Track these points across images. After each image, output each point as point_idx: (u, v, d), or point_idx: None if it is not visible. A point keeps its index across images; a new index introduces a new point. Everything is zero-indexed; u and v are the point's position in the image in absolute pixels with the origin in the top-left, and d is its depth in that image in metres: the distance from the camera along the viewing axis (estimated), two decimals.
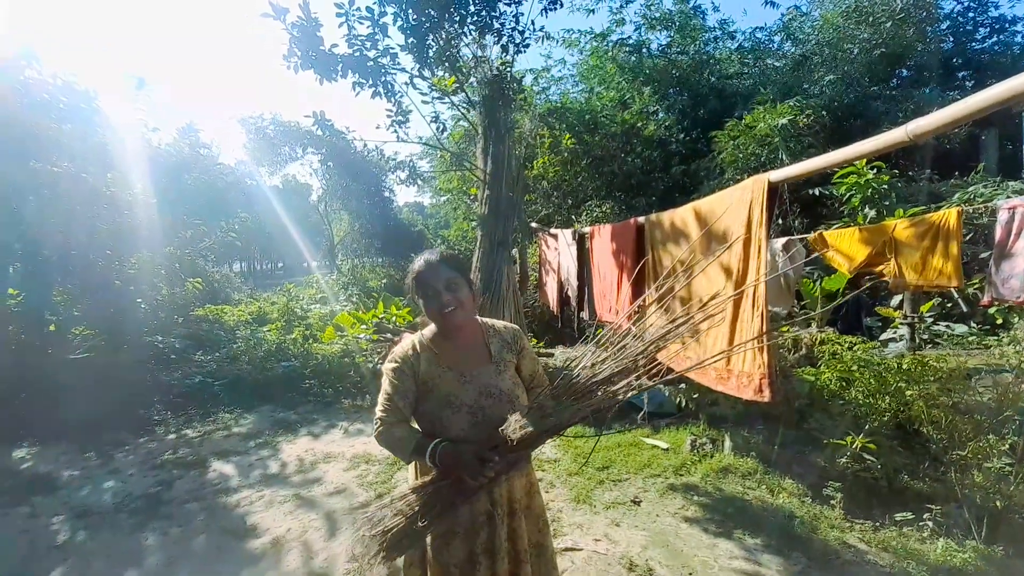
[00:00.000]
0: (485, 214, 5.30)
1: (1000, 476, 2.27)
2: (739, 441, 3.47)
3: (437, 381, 1.35)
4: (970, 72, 14.21)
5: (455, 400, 1.32)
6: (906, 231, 1.87)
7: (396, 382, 1.35)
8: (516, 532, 1.37)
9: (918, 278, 1.83)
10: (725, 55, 16.30)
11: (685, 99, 14.10)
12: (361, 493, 3.27)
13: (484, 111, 5.44)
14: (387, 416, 1.33)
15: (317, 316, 9.65)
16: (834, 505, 2.72)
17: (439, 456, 1.24)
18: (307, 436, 4.39)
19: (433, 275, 1.35)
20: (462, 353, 1.41)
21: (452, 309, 1.33)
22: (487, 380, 1.37)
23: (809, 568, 2.30)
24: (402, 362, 1.37)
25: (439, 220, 22.22)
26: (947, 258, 1.73)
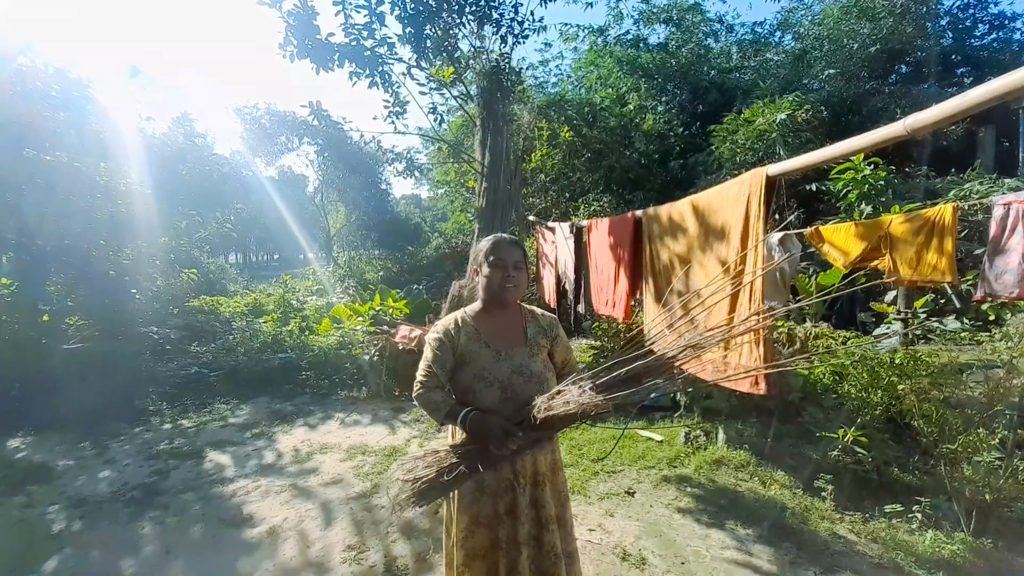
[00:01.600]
0: (483, 207, 5.29)
1: (990, 470, 2.31)
2: (732, 434, 3.50)
3: (474, 355, 1.48)
4: (969, 68, 14.21)
5: (488, 375, 1.45)
6: (901, 226, 1.88)
7: (437, 352, 1.49)
8: (539, 500, 1.49)
9: (912, 273, 1.85)
10: (724, 49, 16.24)
11: (684, 93, 14.05)
12: (357, 483, 3.29)
13: (482, 103, 5.41)
14: (427, 380, 1.47)
15: (314, 308, 9.63)
16: (825, 497, 2.75)
17: (469, 423, 1.37)
18: (303, 427, 4.40)
19: (509, 251, 1.53)
20: (501, 332, 1.54)
21: (512, 286, 1.50)
22: (520, 360, 1.49)
23: (799, 558, 2.33)
24: (444, 334, 1.51)
25: (436, 213, 22.16)
26: (942, 254, 1.74)
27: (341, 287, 13.79)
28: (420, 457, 1.42)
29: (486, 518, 1.48)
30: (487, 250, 1.55)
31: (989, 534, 2.30)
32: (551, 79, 16.04)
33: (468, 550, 1.48)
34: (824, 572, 2.23)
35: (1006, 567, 2.12)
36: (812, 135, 10.12)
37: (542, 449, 1.48)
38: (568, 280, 4.11)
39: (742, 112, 11.05)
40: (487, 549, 1.48)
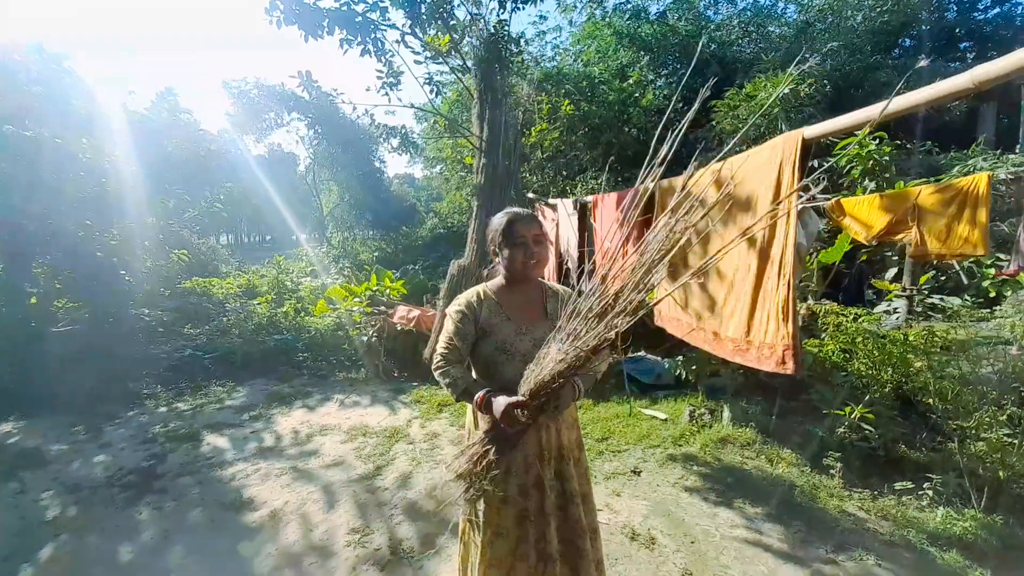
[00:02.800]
0: (481, 183, 5.13)
1: (1001, 447, 2.28)
2: (737, 412, 3.48)
3: (495, 328, 1.47)
4: (972, 43, 13.93)
5: (510, 348, 1.46)
6: (931, 197, 1.79)
7: (460, 325, 1.48)
8: (564, 473, 1.50)
9: (942, 247, 1.76)
10: (725, 21, 15.81)
11: (684, 67, 13.70)
12: (359, 465, 3.24)
13: (479, 74, 5.18)
14: (448, 354, 1.46)
15: (308, 289, 9.48)
16: (833, 475, 2.74)
17: (482, 407, 1.38)
18: (302, 408, 4.33)
19: (528, 226, 1.48)
20: (522, 307, 1.53)
21: (535, 262, 1.47)
22: (541, 335, 1.45)
23: (809, 536, 2.32)
24: (466, 307, 1.50)
25: (431, 192, 21.78)
26: (974, 225, 1.65)
27: (335, 268, 13.62)
28: (460, 454, 1.43)
29: (512, 496, 1.47)
30: (503, 228, 1.49)
31: (1000, 510, 2.29)
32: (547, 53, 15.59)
33: (495, 527, 1.48)
34: (835, 550, 2.21)
35: (1018, 543, 2.11)
36: (815, 110, 9.93)
37: (550, 418, 1.45)
38: (571, 258, 4.01)
39: (744, 87, 10.80)
40: (513, 524, 1.48)
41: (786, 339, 1.57)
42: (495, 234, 1.53)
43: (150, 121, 6.80)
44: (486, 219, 5.66)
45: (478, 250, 5.06)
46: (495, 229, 1.54)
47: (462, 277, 4.97)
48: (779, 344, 1.61)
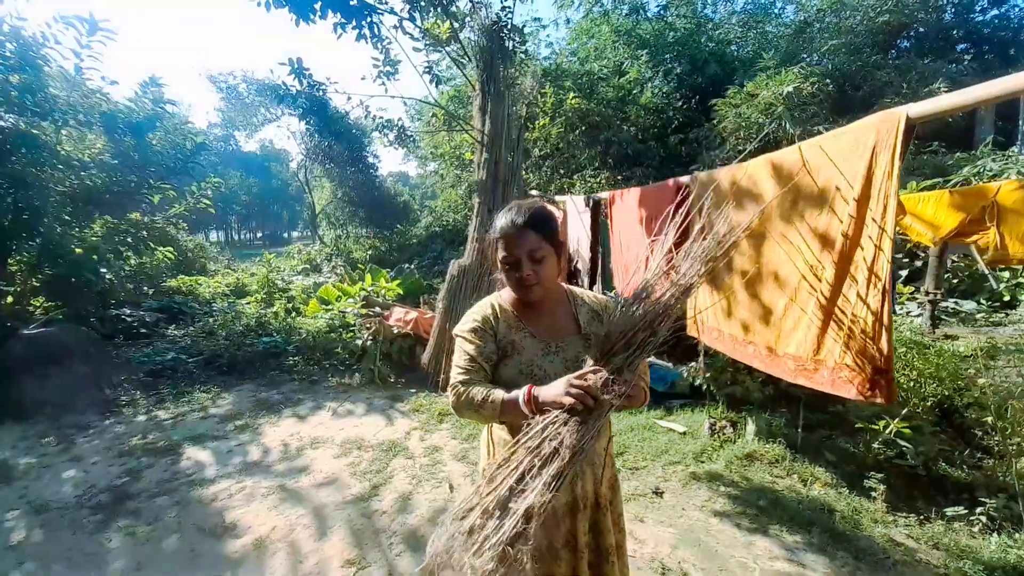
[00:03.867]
0: (483, 179, 4.86)
1: None
2: (762, 425, 3.25)
3: (518, 346, 1.23)
4: (969, 45, 13.90)
5: (538, 371, 1.20)
6: (1014, 194, 1.57)
7: (479, 342, 1.22)
8: (599, 525, 1.25)
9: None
10: (724, 19, 15.69)
11: (683, 65, 13.53)
12: (354, 484, 2.97)
13: (482, 64, 4.92)
14: (470, 379, 1.18)
15: (300, 288, 9.17)
16: (875, 497, 2.52)
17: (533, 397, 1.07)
18: (292, 418, 4.04)
19: (516, 240, 1.18)
20: (547, 321, 1.28)
21: (533, 285, 1.20)
22: (575, 353, 1.22)
23: (858, 570, 2.09)
24: (482, 321, 1.25)
25: (425, 191, 21.47)
26: None
27: (328, 266, 13.29)
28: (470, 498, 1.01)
29: (538, 551, 1.18)
30: (494, 242, 1.24)
31: None
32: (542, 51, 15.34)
33: None
34: None
35: None
36: (818, 109, 9.79)
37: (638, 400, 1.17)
38: (582, 259, 3.76)
39: (744, 85, 10.65)
40: None
41: (878, 361, 1.33)
42: (492, 245, 1.26)
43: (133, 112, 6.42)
44: (488, 217, 5.40)
45: (479, 249, 4.80)
46: (490, 238, 1.27)
47: (463, 278, 4.71)
48: (866, 366, 1.37)
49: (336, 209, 16.11)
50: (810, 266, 1.58)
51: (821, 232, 1.52)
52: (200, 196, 6.49)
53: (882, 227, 1.27)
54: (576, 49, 15.06)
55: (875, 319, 1.32)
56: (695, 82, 13.25)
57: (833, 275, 1.47)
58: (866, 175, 1.33)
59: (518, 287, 1.22)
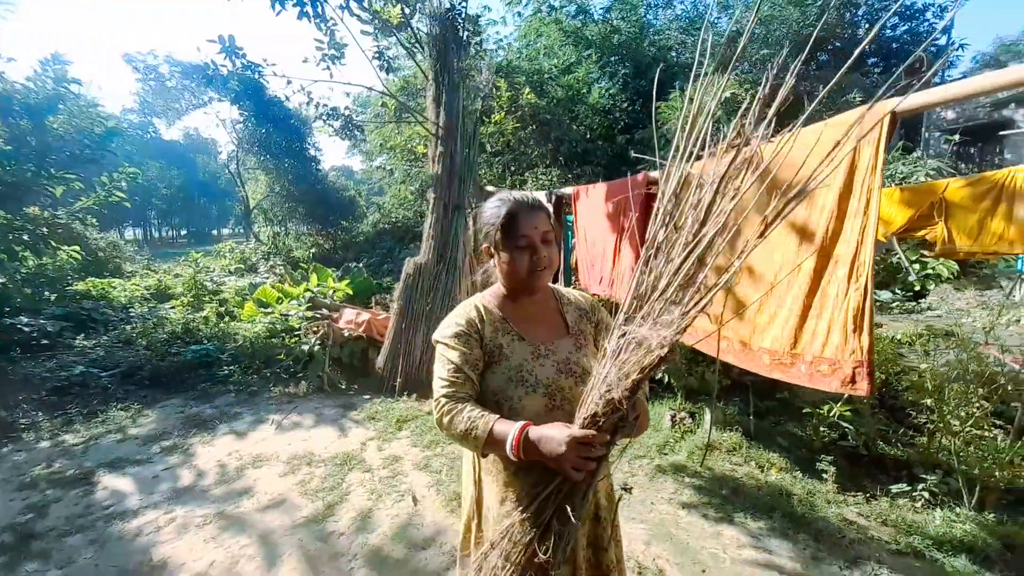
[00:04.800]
0: (439, 174, 4.67)
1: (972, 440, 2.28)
2: (719, 415, 3.36)
3: (506, 351, 1.13)
4: (879, 59, 15.43)
5: (528, 376, 1.10)
6: (960, 191, 1.67)
7: (464, 348, 1.10)
8: (599, 540, 1.17)
9: (972, 244, 1.65)
10: (665, 26, 16.36)
11: (627, 68, 13.96)
12: (305, 504, 2.71)
13: (435, 53, 4.71)
14: (455, 392, 1.07)
15: (234, 290, 8.44)
16: (826, 479, 2.66)
17: (524, 445, 0.95)
18: (229, 435, 3.66)
19: (532, 222, 1.11)
20: (535, 321, 1.19)
21: (544, 268, 1.12)
22: (566, 355, 1.15)
23: (820, 552, 2.18)
24: (466, 325, 1.14)
25: (372, 186, 20.64)
26: (1010, 221, 1.54)
27: (265, 266, 12.39)
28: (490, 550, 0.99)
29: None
30: (503, 223, 1.12)
31: (989, 508, 2.29)
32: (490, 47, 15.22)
33: None
34: (849, 566, 2.09)
35: (1019, 543, 2.10)
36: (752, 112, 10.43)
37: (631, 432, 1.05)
38: None
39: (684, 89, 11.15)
40: None
41: (858, 354, 1.35)
42: (491, 230, 1.16)
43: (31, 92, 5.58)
44: (444, 213, 5.17)
45: (435, 246, 4.61)
46: (490, 223, 1.16)
47: (419, 276, 4.50)
48: (847, 360, 1.39)
49: (273, 204, 15.06)
50: (788, 261, 1.60)
51: (800, 226, 1.54)
52: (113, 188, 5.76)
53: (865, 220, 1.29)
54: (526, 46, 15.08)
55: (857, 312, 1.35)
56: (639, 85, 13.71)
57: (813, 269, 1.49)
58: (849, 169, 1.35)
59: (530, 273, 1.11)
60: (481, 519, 1.22)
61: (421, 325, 4.42)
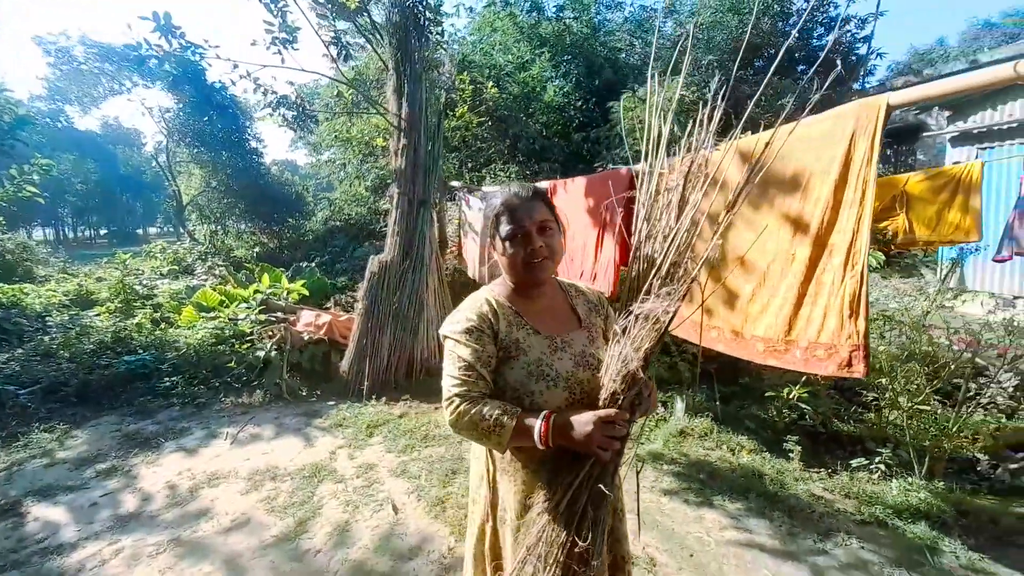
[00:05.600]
0: (403, 167, 4.50)
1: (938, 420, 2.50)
2: (689, 402, 3.48)
3: (523, 346, 1.10)
4: (807, 66, 16.70)
5: (548, 370, 1.08)
6: (920, 184, 1.81)
7: (476, 345, 1.07)
8: (616, 532, 1.18)
9: (931, 234, 1.79)
10: (616, 28, 16.80)
11: (581, 67, 14.20)
12: (274, 522, 2.51)
13: (395, 42, 4.52)
14: (468, 391, 1.04)
15: (168, 294, 7.74)
16: (792, 458, 2.81)
17: (554, 432, 0.97)
18: (177, 452, 3.33)
19: (526, 212, 1.10)
20: (548, 314, 1.18)
21: (541, 260, 1.10)
22: (581, 348, 1.14)
23: (794, 527, 2.30)
24: (479, 319, 1.10)
25: (320, 182, 19.70)
26: (966, 212, 1.68)
27: (203, 267, 11.48)
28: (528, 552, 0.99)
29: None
30: (496, 216, 1.14)
31: (937, 476, 2.52)
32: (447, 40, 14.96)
33: None
34: (822, 538, 2.21)
35: (970, 508, 2.32)
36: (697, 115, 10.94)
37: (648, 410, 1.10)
38: None
39: (635, 91, 11.50)
40: None
41: (855, 338, 1.42)
42: (490, 221, 1.17)
43: None
44: (409, 208, 5.00)
45: (401, 243, 4.44)
46: (490, 215, 1.18)
47: (384, 275, 4.31)
48: (843, 344, 1.45)
49: (210, 200, 13.95)
50: (781, 251, 1.66)
51: (794, 217, 1.60)
52: (23, 182, 5.08)
53: (861, 210, 1.35)
54: (480, 40, 14.96)
55: (853, 298, 1.42)
56: (592, 84, 13.99)
57: (808, 258, 1.55)
58: (844, 160, 1.41)
59: (526, 265, 1.10)
60: (496, 521, 1.19)
61: (388, 325, 4.25)
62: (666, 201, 1.21)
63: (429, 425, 3.56)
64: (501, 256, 1.15)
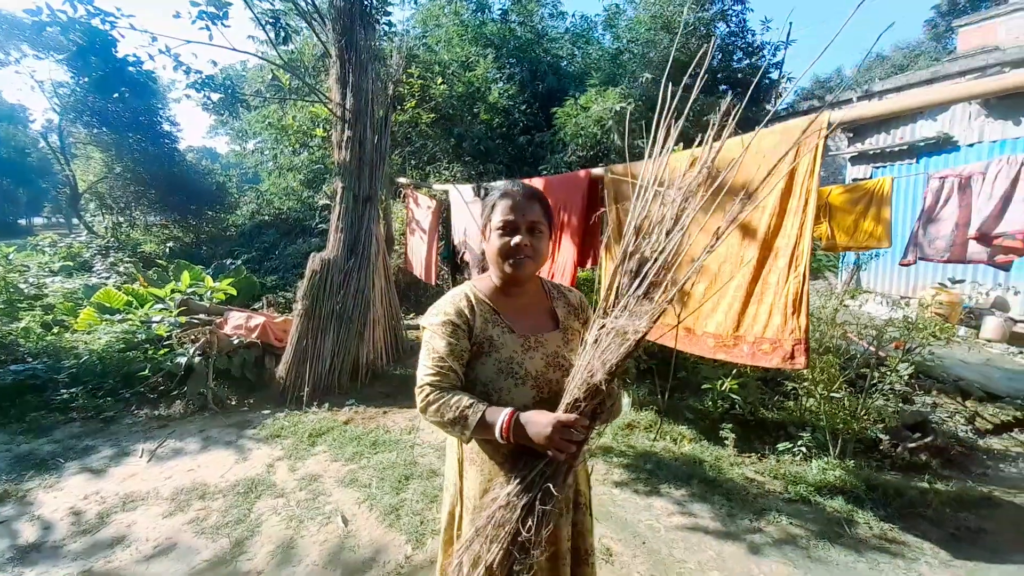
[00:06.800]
0: (347, 161, 4.29)
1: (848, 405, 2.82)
2: (634, 396, 3.64)
3: (496, 342, 1.14)
4: (728, 87, 18.24)
5: (518, 368, 1.12)
6: (840, 196, 2.03)
7: (451, 339, 1.12)
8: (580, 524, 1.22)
9: (849, 240, 2.01)
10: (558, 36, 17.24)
11: (525, 72, 14.41)
12: (205, 544, 2.27)
13: (339, 28, 4.30)
14: (440, 381, 1.09)
15: (62, 294, 6.77)
16: (727, 445, 3.04)
17: (514, 428, 1.01)
18: (82, 474, 2.92)
19: (523, 208, 1.13)
20: (525, 313, 1.21)
21: (523, 258, 1.13)
22: (555, 348, 1.17)
23: (733, 509, 2.49)
24: (455, 314, 1.14)
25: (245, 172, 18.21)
26: (879, 222, 1.92)
27: (104, 263, 10.15)
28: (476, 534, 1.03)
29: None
30: (492, 207, 1.19)
31: (848, 455, 2.84)
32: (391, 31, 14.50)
33: None
34: (757, 517, 2.42)
35: (878, 483, 2.64)
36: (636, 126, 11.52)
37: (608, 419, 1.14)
38: (471, 250, 3.62)
39: (578, 99, 11.90)
40: None
41: (797, 333, 1.56)
42: (485, 210, 1.22)
43: None
44: (353, 203, 4.79)
45: (346, 241, 4.23)
46: (487, 204, 1.22)
47: (327, 273, 4.08)
48: (787, 339, 1.60)
49: (113, 188, 12.39)
50: (732, 253, 1.78)
51: (743, 223, 1.73)
52: None
53: (803, 217, 1.50)
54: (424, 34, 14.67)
55: (796, 297, 1.56)
56: (536, 89, 14.24)
57: (755, 260, 1.69)
58: (789, 173, 1.55)
59: (509, 258, 1.13)
60: (463, 508, 1.21)
61: (331, 326, 4.02)
62: (659, 217, 1.23)
63: (378, 430, 3.42)
64: (489, 244, 1.18)
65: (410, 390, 1.21)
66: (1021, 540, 2.28)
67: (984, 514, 2.47)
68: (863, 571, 2.07)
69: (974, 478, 2.85)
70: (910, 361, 2.73)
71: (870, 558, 2.15)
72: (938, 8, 24.59)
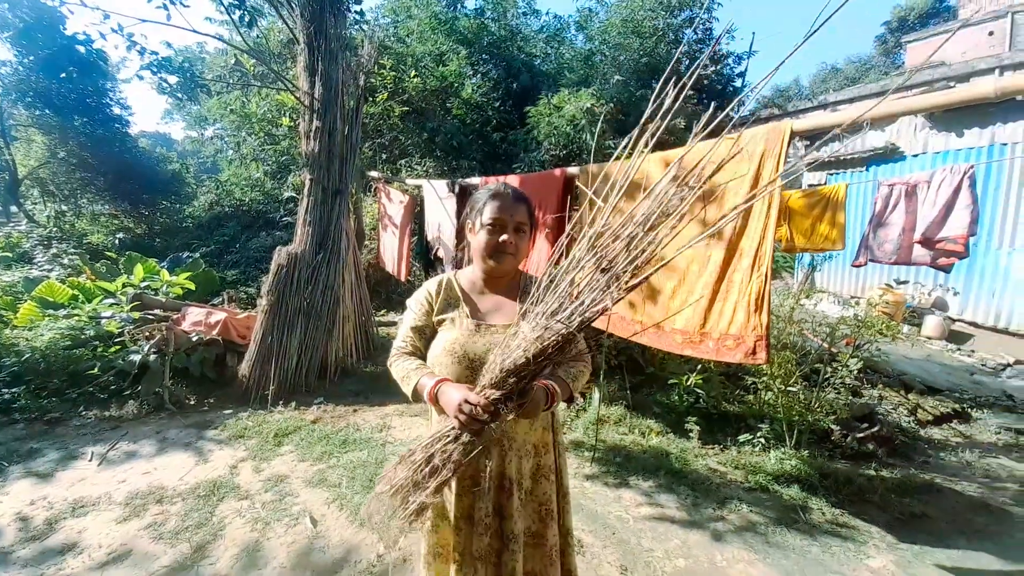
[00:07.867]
0: (316, 152, 4.17)
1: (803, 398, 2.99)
2: (604, 392, 3.73)
3: (451, 325, 1.27)
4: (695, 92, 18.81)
5: (459, 349, 1.22)
6: (799, 201, 2.14)
7: (420, 317, 1.31)
8: (504, 510, 1.25)
9: (806, 243, 2.12)
10: (533, 35, 17.28)
11: (499, 69, 14.38)
12: (163, 550, 2.17)
13: (308, 14, 4.17)
14: (404, 347, 1.30)
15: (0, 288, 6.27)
16: (692, 437, 3.16)
17: (437, 395, 1.15)
18: (26, 479, 2.72)
19: (511, 208, 1.25)
20: (494, 303, 1.31)
21: (506, 255, 1.25)
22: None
23: (698, 499, 2.59)
24: (424, 295, 1.33)
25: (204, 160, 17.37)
26: (834, 226, 2.04)
27: (46, 255, 9.45)
28: (397, 464, 1.15)
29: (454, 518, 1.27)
30: (482, 204, 1.29)
31: (803, 446, 3.00)
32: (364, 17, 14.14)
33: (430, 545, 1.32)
34: (720, 506, 2.53)
35: (830, 472, 2.80)
36: (607, 127, 11.70)
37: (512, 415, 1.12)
38: (444, 247, 3.59)
39: (551, 98, 11.98)
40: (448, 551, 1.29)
41: (759, 329, 1.64)
42: (474, 208, 1.32)
43: None
44: (322, 196, 4.68)
45: (314, 235, 4.12)
46: (476, 201, 1.32)
47: (294, 268, 3.96)
48: (749, 335, 1.67)
49: (57, 174, 11.56)
50: (698, 253, 1.85)
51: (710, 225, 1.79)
52: None
53: (767, 220, 1.57)
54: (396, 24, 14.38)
55: (758, 295, 1.64)
56: (510, 87, 14.23)
57: (721, 260, 1.76)
58: (754, 177, 1.62)
59: (494, 251, 1.24)
60: None
61: (298, 323, 3.91)
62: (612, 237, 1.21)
63: (348, 429, 3.35)
64: (475, 239, 1.28)
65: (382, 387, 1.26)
66: (960, 525, 2.48)
67: (926, 499, 2.67)
68: (817, 554, 2.21)
69: (917, 466, 3.08)
70: (859, 357, 2.92)
71: (823, 542, 2.29)
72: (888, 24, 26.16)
